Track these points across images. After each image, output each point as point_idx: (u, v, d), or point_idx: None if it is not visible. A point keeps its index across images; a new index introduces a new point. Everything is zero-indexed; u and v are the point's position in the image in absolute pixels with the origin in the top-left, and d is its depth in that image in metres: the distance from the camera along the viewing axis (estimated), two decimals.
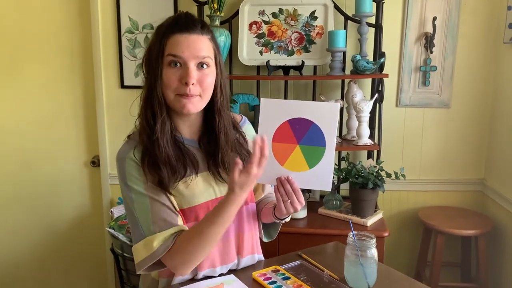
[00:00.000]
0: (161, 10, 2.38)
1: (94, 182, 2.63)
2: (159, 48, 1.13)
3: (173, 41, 1.12)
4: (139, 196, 1.14)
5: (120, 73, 2.48)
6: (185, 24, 1.13)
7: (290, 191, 1.16)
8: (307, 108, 1.14)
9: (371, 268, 1.20)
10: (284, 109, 1.14)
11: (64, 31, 2.49)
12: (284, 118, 1.14)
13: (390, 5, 2.27)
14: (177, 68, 1.12)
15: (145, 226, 1.13)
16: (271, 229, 1.41)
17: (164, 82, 1.13)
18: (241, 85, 2.44)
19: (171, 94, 1.14)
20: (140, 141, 1.16)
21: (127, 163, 1.15)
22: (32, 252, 2.71)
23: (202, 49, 1.13)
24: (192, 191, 1.18)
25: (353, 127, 2.29)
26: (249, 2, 2.28)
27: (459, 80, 2.36)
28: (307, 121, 1.13)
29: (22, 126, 2.59)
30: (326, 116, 1.13)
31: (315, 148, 1.15)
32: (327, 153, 1.15)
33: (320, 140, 1.14)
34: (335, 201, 2.21)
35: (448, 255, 2.42)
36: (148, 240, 1.13)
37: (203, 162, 1.22)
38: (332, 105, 1.15)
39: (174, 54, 1.11)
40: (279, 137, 1.14)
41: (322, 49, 2.25)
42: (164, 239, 1.12)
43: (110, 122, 2.53)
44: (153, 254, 1.12)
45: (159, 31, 1.15)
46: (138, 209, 1.14)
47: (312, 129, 1.14)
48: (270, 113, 1.14)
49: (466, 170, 2.45)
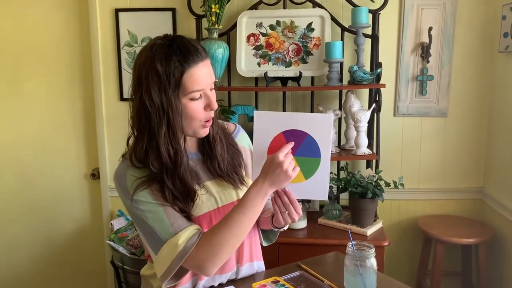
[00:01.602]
0: (160, 24, 2.40)
1: (94, 195, 2.63)
2: (175, 83, 1.08)
3: (193, 77, 1.10)
4: (149, 206, 1.13)
5: (120, 86, 2.50)
6: (196, 54, 1.10)
7: (287, 202, 1.16)
8: (301, 120, 1.15)
9: (370, 278, 1.20)
10: (278, 121, 1.15)
11: (63, 44, 2.52)
12: (279, 130, 1.15)
13: (386, 16, 2.30)
14: (199, 100, 1.13)
15: (164, 231, 1.12)
16: (270, 234, 1.42)
17: (190, 115, 1.12)
18: (239, 97, 2.46)
19: (197, 123, 1.14)
20: (153, 175, 1.13)
21: (128, 179, 1.14)
22: (32, 264, 2.71)
23: (212, 73, 1.15)
24: (195, 202, 1.18)
25: (352, 137, 2.30)
26: (247, 14, 2.31)
27: (456, 89, 2.38)
28: (302, 132, 1.14)
29: (22, 139, 2.60)
30: (320, 127, 1.14)
31: (310, 159, 1.15)
32: (323, 163, 1.15)
33: (315, 151, 1.15)
34: (335, 211, 2.21)
35: (448, 263, 2.42)
36: (171, 242, 1.11)
37: (204, 172, 1.23)
38: (325, 116, 1.16)
39: (198, 89, 1.11)
40: (275, 148, 1.14)
41: (319, 60, 2.27)
42: (188, 235, 1.11)
43: (110, 135, 2.55)
44: (181, 253, 1.09)
45: (165, 64, 1.08)
46: (151, 218, 1.12)
47: (307, 141, 1.14)
48: (264, 126, 1.15)
49: (465, 178, 2.45)
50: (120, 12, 2.43)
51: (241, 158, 1.32)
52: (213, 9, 2.17)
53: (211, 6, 2.17)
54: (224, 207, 1.24)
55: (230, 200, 1.25)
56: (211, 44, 2.18)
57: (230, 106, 2.39)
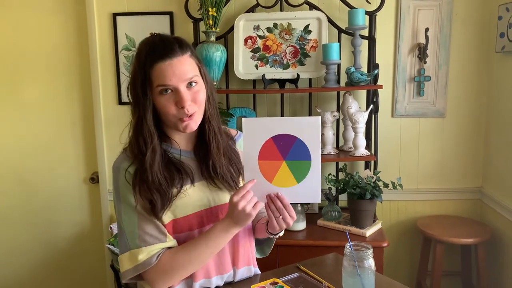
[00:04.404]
0: (157, 27, 2.41)
1: (94, 199, 2.63)
2: (144, 78, 1.13)
3: (158, 71, 1.13)
4: (129, 209, 1.17)
5: (118, 90, 2.51)
6: (163, 49, 1.13)
7: (280, 207, 1.17)
8: (289, 124, 1.16)
9: (368, 278, 1.20)
10: (266, 127, 1.16)
11: (61, 49, 2.52)
12: (268, 136, 1.16)
13: (382, 17, 2.31)
14: (169, 94, 1.15)
15: (131, 239, 1.16)
16: (265, 245, 1.43)
17: (162, 110, 1.16)
18: (237, 99, 2.46)
19: (172, 118, 1.16)
20: (135, 162, 1.19)
21: (121, 174, 1.18)
22: (32, 268, 2.71)
23: (187, 71, 1.15)
24: (186, 201, 1.20)
25: (350, 138, 2.31)
26: (244, 17, 2.31)
27: (453, 89, 2.38)
28: (291, 136, 1.15)
29: (21, 144, 2.61)
30: (309, 130, 1.15)
31: (301, 162, 1.16)
32: (313, 166, 1.16)
33: (305, 154, 1.16)
34: (334, 212, 2.22)
35: (448, 264, 2.42)
36: (132, 253, 1.16)
37: (198, 171, 1.24)
38: (313, 119, 1.17)
39: (163, 84, 1.13)
40: (265, 154, 1.16)
41: (316, 62, 2.27)
42: (148, 254, 1.15)
43: (109, 139, 2.55)
44: (137, 267, 1.15)
45: (139, 61, 1.15)
46: (125, 221, 1.17)
47: (297, 144, 1.15)
48: (253, 132, 1.16)
49: (463, 178, 2.46)
50: (118, 16, 2.44)
51: (239, 163, 1.31)
52: (210, 12, 2.18)
53: (208, 9, 2.18)
54: (216, 208, 1.24)
55: (223, 201, 1.25)
56: (208, 47, 2.19)
57: (228, 108, 2.40)
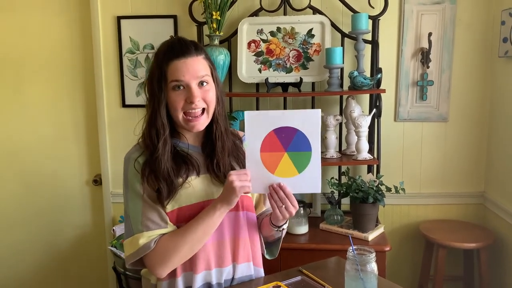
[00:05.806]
0: (161, 31, 2.42)
1: (96, 201, 2.64)
2: (160, 75, 1.24)
3: (173, 68, 1.23)
4: (135, 196, 1.25)
5: (122, 93, 2.52)
6: (180, 49, 1.24)
7: (283, 196, 1.22)
8: (291, 117, 1.21)
9: (371, 282, 1.20)
10: (268, 120, 1.21)
11: (66, 51, 2.54)
12: (270, 128, 1.21)
13: (386, 22, 2.32)
14: (181, 90, 1.24)
15: (135, 225, 1.24)
16: (273, 247, 1.44)
17: (172, 105, 1.25)
18: (240, 102, 2.47)
19: (179, 114, 1.25)
20: (146, 153, 1.27)
21: (130, 164, 1.27)
22: (35, 270, 2.72)
23: (199, 69, 1.25)
24: (190, 191, 1.26)
25: (352, 142, 2.31)
26: (248, 21, 2.32)
27: (456, 94, 2.39)
28: (292, 129, 1.20)
29: (24, 145, 2.62)
30: (309, 122, 1.20)
31: (302, 153, 1.21)
32: (314, 156, 1.21)
33: (306, 145, 1.21)
34: (336, 216, 2.22)
35: (450, 268, 2.42)
36: (135, 238, 1.24)
37: (204, 165, 1.31)
38: (313, 111, 1.22)
39: (176, 79, 1.23)
40: (267, 146, 1.21)
41: (319, 66, 2.28)
42: (148, 238, 1.22)
43: (112, 141, 2.56)
44: (138, 251, 1.23)
45: (157, 59, 1.26)
46: (131, 208, 1.26)
47: (297, 136, 1.21)
48: (255, 125, 1.21)
49: (466, 183, 2.46)
50: (122, 20, 2.45)
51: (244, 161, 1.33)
52: (214, 16, 2.19)
53: (212, 13, 2.19)
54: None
55: None
56: (212, 51, 2.20)
57: (232, 112, 2.40)
